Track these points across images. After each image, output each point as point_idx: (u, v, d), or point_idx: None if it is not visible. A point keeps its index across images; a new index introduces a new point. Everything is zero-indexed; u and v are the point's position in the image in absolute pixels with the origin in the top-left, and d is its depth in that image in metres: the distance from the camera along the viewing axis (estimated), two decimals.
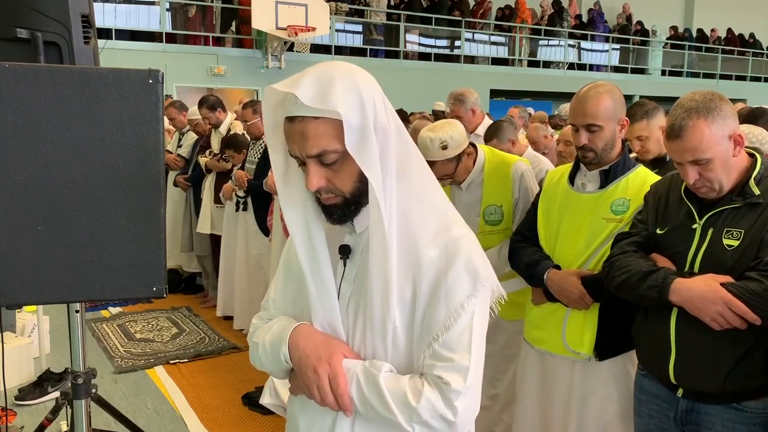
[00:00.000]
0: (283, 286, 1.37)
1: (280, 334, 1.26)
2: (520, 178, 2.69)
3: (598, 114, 2.09)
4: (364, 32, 13.58)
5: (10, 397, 3.39)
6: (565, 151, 3.73)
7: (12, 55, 1.68)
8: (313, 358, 1.20)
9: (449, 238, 1.18)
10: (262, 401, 2.81)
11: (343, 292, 1.25)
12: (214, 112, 5.24)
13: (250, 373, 4.15)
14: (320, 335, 1.24)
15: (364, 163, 1.11)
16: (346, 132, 1.10)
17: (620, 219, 2.10)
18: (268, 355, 1.28)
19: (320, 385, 1.19)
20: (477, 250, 1.20)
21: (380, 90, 1.19)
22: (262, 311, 1.40)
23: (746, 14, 20.44)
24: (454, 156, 2.62)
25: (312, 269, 1.23)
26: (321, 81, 1.11)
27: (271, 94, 1.18)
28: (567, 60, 16.16)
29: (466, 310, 1.16)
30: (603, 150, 2.13)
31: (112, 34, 10.65)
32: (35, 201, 1.54)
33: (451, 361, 1.14)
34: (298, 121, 1.13)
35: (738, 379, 1.71)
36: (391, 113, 1.20)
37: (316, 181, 1.15)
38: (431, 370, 1.15)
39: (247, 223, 4.68)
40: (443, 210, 1.24)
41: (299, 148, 1.14)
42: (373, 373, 1.17)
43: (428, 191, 1.24)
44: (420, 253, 1.17)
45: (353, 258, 1.25)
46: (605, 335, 2.14)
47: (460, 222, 1.24)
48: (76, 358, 1.99)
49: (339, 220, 1.21)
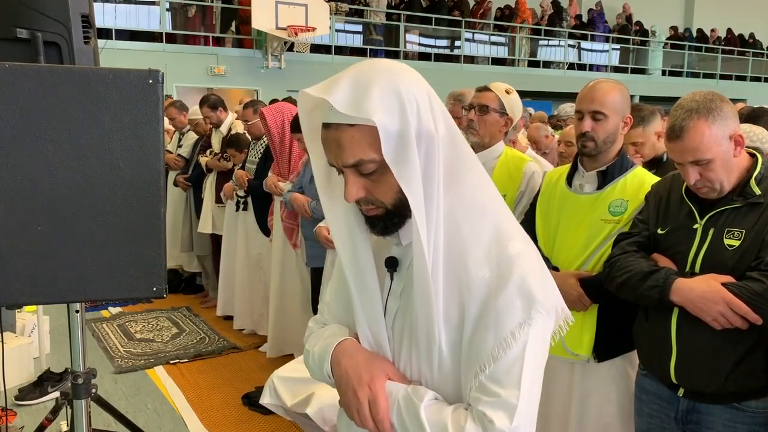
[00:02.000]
0: (336, 291, 1.30)
1: (326, 348, 1.20)
2: (531, 175, 2.74)
3: (605, 102, 2.11)
4: (364, 32, 13.58)
5: (10, 397, 3.38)
6: (566, 152, 3.73)
7: (12, 55, 1.68)
8: (354, 380, 1.13)
9: (503, 255, 1.07)
10: (262, 401, 2.82)
11: (390, 308, 1.17)
12: (216, 111, 5.24)
13: (250, 373, 4.15)
14: (363, 353, 1.17)
15: (401, 176, 1.02)
16: (383, 141, 1.01)
17: (618, 220, 2.09)
18: (317, 365, 1.23)
19: (360, 408, 1.12)
20: (535, 270, 1.07)
21: (427, 90, 1.08)
22: (319, 314, 1.35)
23: (746, 14, 20.44)
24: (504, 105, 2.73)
25: (357, 283, 1.16)
26: (357, 85, 1.03)
27: (305, 98, 1.10)
28: (567, 60, 16.16)
29: (518, 340, 1.03)
30: (603, 142, 2.13)
31: (112, 34, 10.65)
32: (35, 201, 1.54)
33: (497, 396, 1.03)
34: (333, 129, 1.05)
35: (739, 379, 1.71)
36: (439, 115, 1.08)
37: (355, 192, 1.07)
38: (476, 404, 1.05)
39: (248, 223, 4.68)
40: (499, 222, 1.11)
41: (335, 157, 1.07)
42: (414, 403, 1.08)
43: (483, 200, 1.12)
44: (470, 272, 1.07)
45: (400, 271, 1.16)
46: (604, 336, 2.14)
47: (520, 235, 1.11)
48: (76, 358, 1.99)
49: (382, 232, 1.12)
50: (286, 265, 4.13)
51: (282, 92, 10.40)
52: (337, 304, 1.30)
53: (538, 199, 2.36)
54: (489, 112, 2.72)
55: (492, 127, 2.74)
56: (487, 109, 2.72)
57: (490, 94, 2.76)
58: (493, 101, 2.74)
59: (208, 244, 5.45)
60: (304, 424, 2.81)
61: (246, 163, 4.70)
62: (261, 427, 3.47)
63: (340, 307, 1.29)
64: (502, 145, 2.83)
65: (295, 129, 3.66)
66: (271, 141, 4.12)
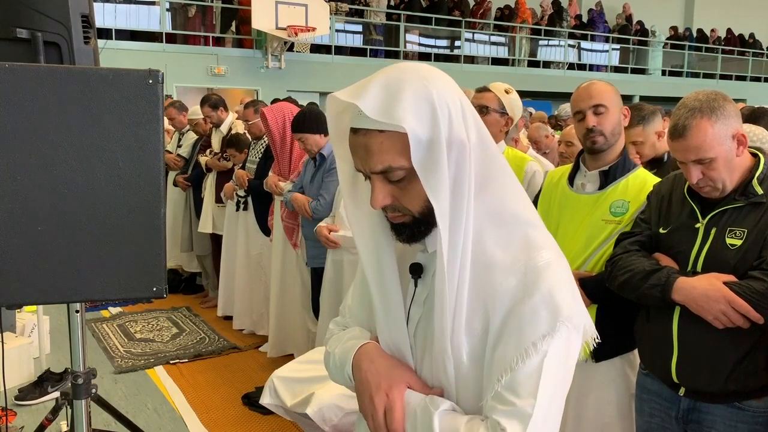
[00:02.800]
0: (360, 296, 1.28)
1: (347, 351, 1.18)
2: (533, 175, 2.75)
3: (603, 95, 2.14)
4: (364, 32, 13.59)
5: (10, 397, 3.38)
6: (566, 152, 3.72)
7: (12, 55, 1.68)
8: (372, 385, 1.11)
9: (531, 264, 1.03)
10: (262, 401, 2.82)
11: (413, 316, 1.14)
12: (216, 110, 5.24)
13: (250, 373, 4.15)
14: (385, 359, 1.14)
15: (429, 185, 1.00)
16: (413, 148, 0.99)
17: (619, 220, 2.09)
18: (338, 368, 1.21)
19: (375, 416, 1.09)
20: (563, 282, 1.04)
21: (459, 96, 1.06)
22: (339, 317, 1.33)
23: (746, 14, 20.45)
24: (503, 105, 2.72)
25: (379, 289, 1.14)
26: (388, 90, 1.00)
27: (334, 101, 1.07)
28: (567, 60, 16.16)
29: (539, 351, 1.00)
30: (611, 134, 2.14)
31: (112, 34, 10.66)
32: (35, 201, 1.54)
33: (512, 405, 1.00)
34: (362, 134, 1.02)
35: (740, 379, 1.71)
36: (471, 122, 1.06)
37: (381, 198, 1.05)
38: (491, 413, 1.02)
39: (248, 223, 4.68)
40: (530, 231, 1.08)
41: (363, 163, 1.04)
42: (429, 411, 1.05)
43: (514, 209, 1.09)
44: (495, 282, 1.04)
45: (425, 279, 1.13)
46: (602, 337, 2.13)
47: (550, 245, 1.08)
48: (76, 358, 1.99)
49: (408, 240, 1.10)
50: (286, 265, 4.13)
51: (282, 92, 10.41)
52: (361, 308, 1.27)
53: (539, 199, 2.36)
54: (489, 112, 2.73)
55: (493, 127, 2.73)
56: (487, 109, 2.72)
57: (489, 95, 2.76)
58: (493, 101, 2.74)
59: (208, 244, 5.45)
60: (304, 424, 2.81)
61: (246, 163, 4.70)
62: (261, 427, 3.47)
63: (363, 311, 1.26)
64: (503, 145, 2.83)
65: (295, 129, 3.66)
66: (272, 141, 4.12)
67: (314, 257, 3.66)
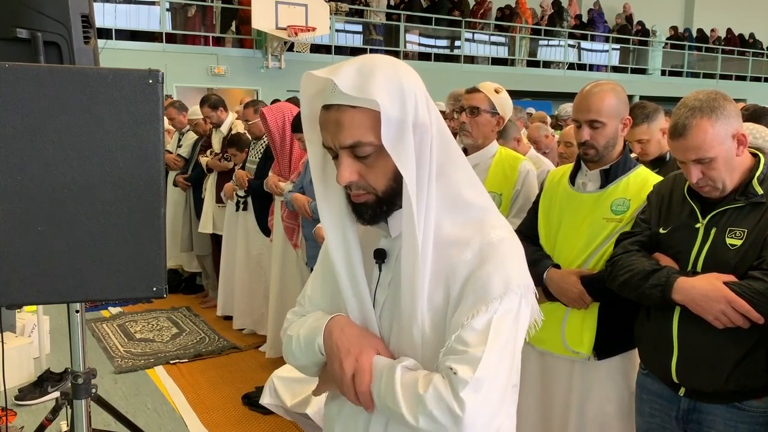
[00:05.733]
0: (322, 284, 1.31)
1: (318, 326, 1.21)
2: (527, 174, 2.74)
3: (601, 110, 2.10)
4: (364, 32, 13.58)
5: (10, 397, 3.39)
6: (566, 152, 3.73)
7: (12, 55, 1.68)
8: (342, 351, 1.15)
9: (485, 240, 1.11)
10: (262, 401, 2.82)
11: (378, 300, 1.20)
12: (216, 110, 5.24)
13: (250, 373, 4.15)
14: (356, 329, 1.18)
15: (399, 160, 1.05)
16: (383, 124, 1.04)
17: (620, 219, 2.10)
18: (302, 348, 1.24)
19: (343, 379, 1.14)
20: (515, 256, 1.12)
21: (423, 88, 1.12)
22: (297, 307, 1.36)
23: (746, 14, 20.44)
24: (494, 105, 2.71)
25: (348, 274, 1.18)
26: (362, 70, 1.06)
27: (310, 82, 1.12)
28: (567, 60, 16.16)
29: (489, 310, 1.06)
30: (605, 147, 2.13)
31: (112, 34, 10.65)
32: (35, 201, 1.54)
33: (463, 353, 1.05)
34: (334, 110, 1.07)
35: (740, 379, 1.71)
36: (433, 112, 1.13)
37: (348, 174, 1.09)
38: (444, 361, 1.08)
39: (248, 223, 4.68)
40: (483, 214, 1.15)
41: (333, 138, 1.08)
42: (394, 367, 1.11)
43: (468, 197, 1.15)
44: (453, 257, 1.11)
45: (388, 263, 1.19)
46: (604, 335, 2.14)
47: (503, 225, 1.15)
48: (76, 358, 1.99)
49: (370, 221, 1.14)
50: (286, 265, 4.13)
51: (282, 92, 10.41)
52: (323, 296, 1.30)
53: (540, 198, 2.37)
54: (480, 113, 2.72)
55: (484, 127, 2.74)
56: (477, 110, 2.72)
57: (479, 95, 2.75)
58: (483, 102, 2.73)
59: (208, 244, 5.45)
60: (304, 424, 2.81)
61: (246, 163, 4.70)
62: (261, 427, 3.47)
63: (325, 298, 1.30)
64: (496, 145, 2.83)
65: (295, 129, 3.65)
66: (272, 141, 4.12)
67: (314, 257, 3.63)
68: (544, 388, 2.30)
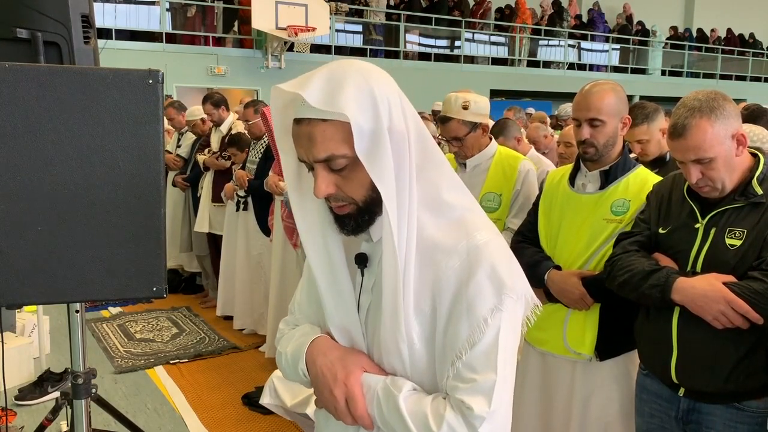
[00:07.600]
0: (307, 290, 1.31)
1: (300, 348, 1.21)
2: (526, 173, 2.74)
3: (601, 108, 2.10)
4: (364, 32, 13.58)
5: (10, 397, 3.39)
6: (565, 153, 3.73)
7: (12, 55, 1.68)
8: (329, 378, 1.14)
9: (471, 244, 1.08)
10: (262, 401, 2.82)
11: (363, 304, 1.18)
12: (218, 109, 5.24)
13: (250, 373, 4.15)
14: (338, 350, 1.17)
15: (374, 172, 1.03)
16: (356, 136, 1.01)
17: (620, 220, 2.10)
18: (290, 368, 1.23)
19: (337, 407, 1.13)
20: (503, 257, 1.10)
21: (398, 91, 1.10)
22: (289, 315, 1.36)
23: (746, 14, 20.45)
24: (470, 121, 2.68)
25: (328, 281, 1.17)
26: (330, 81, 1.04)
27: (278, 94, 1.11)
28: (567, 60, 16.16)
29: (490, 326, 1.05)
30: (604, 146, 2.13)
31: (112, 34, 10.65)
32: (35, 201, 1.54)
33: (473, 382, 1.04)
34: (305, 124, 1.05)
35: (739, 379, 1.71)
36: (410, 115, 1.11)
37: (324, 187, 1.07)
38: (454, 392, 1.06)
39: (248, 223, 4.68)
40: (465, 214, 1.14)
41: (306, 152, 1.07)
42: (393, 394, 1.09)
43: (448, 196, 1.14)
44: (439, 263, 1.08)
45: (371, 267, 1.17)
46: (606, 335, 2.14)
47: (487, 226, 1.13)
48: (76, 358, 1.99)
49: (353, 231, 1.12)
50: (286, 265, 4.13)
51: None
52: (309, 303, 1.30)
53: (540, 199, 2.37)
54: (462, 138, 2.72)
55: (473, 142, 2.75)
56: (458, 138, 2.72)
57: (452, 125, 2.71)
58: (459, 129, 2.71)
59: (206, 244, 5.45)
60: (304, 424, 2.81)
61: (246, 163, 4.70)
62: (261, 427, 3.47)
63: (312, 306, 1.29)
64: (495, 144, 2.82)
65: None
66: (272, 141, 4.11)
67: None
68: (545, 389, 2.29)
